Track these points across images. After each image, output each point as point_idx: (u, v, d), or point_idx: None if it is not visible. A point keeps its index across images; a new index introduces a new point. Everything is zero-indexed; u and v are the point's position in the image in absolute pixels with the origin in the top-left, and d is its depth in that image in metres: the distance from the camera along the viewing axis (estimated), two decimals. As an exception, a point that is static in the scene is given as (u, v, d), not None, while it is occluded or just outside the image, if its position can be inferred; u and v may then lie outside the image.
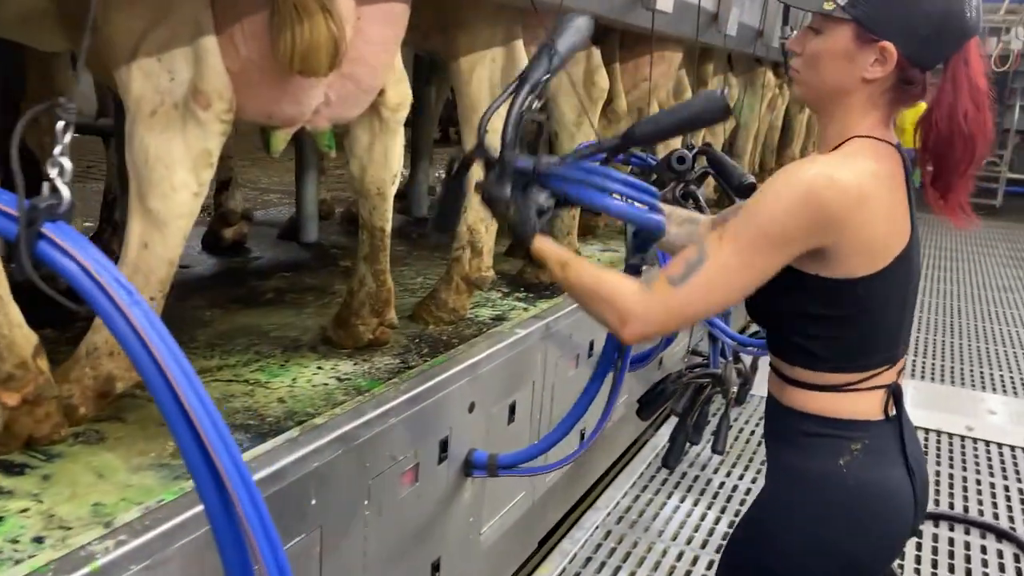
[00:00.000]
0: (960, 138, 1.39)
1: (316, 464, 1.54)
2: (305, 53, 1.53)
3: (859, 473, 1.45)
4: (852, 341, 1.42)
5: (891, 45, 1.35)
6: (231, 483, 0.99)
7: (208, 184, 1.72)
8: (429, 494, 1.93)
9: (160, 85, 1.63)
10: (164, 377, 0.96)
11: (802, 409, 1.48)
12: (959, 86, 1.38)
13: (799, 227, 1.31)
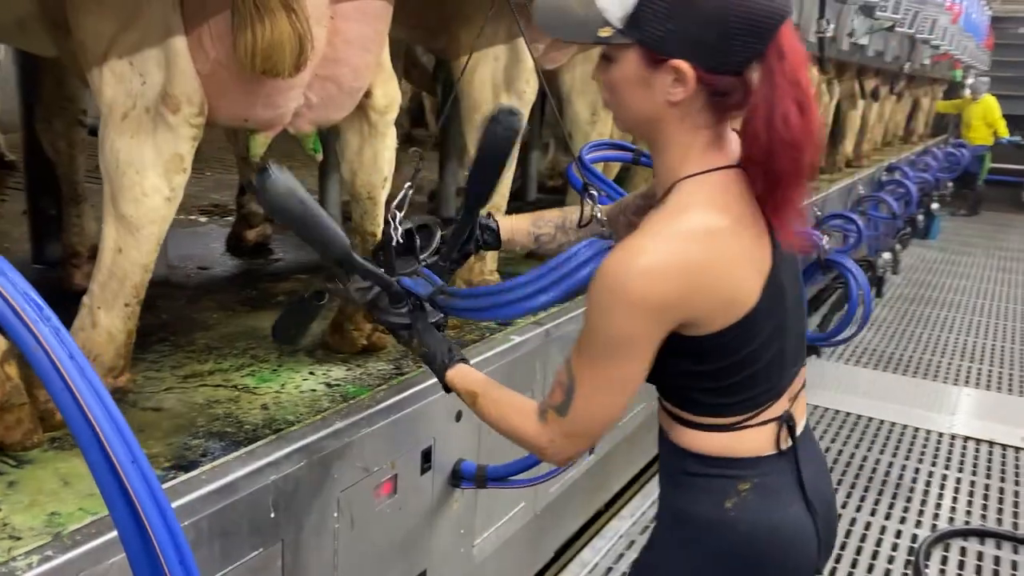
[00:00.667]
0: (783, 147, 1.19)
1: (273, 477, 1.50)
2: (267, 52, 1.49)
3: (749, 517, 1.34)
4: (733, 386, 1.31)
5: (683, 63, 1.21)
6: (142, 506, 0.95)
7: (181, 189, 1.69)
8: (411, 506, 1.88)
9: (131, 89, 1.61)
10: (71, 391, 0.94)
11: (687, 448, 1.37)
12: (775, 86, 1.19)
13: (642, 327, 1.23)
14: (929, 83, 10.51)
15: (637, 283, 1.20)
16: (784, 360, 1.35)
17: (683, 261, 1.21)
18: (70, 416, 0.97)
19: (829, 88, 5.84)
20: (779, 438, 1.35)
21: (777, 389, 1.35)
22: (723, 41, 1.19)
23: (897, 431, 4.81)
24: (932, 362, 6.01)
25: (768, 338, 1.29)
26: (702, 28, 1.19)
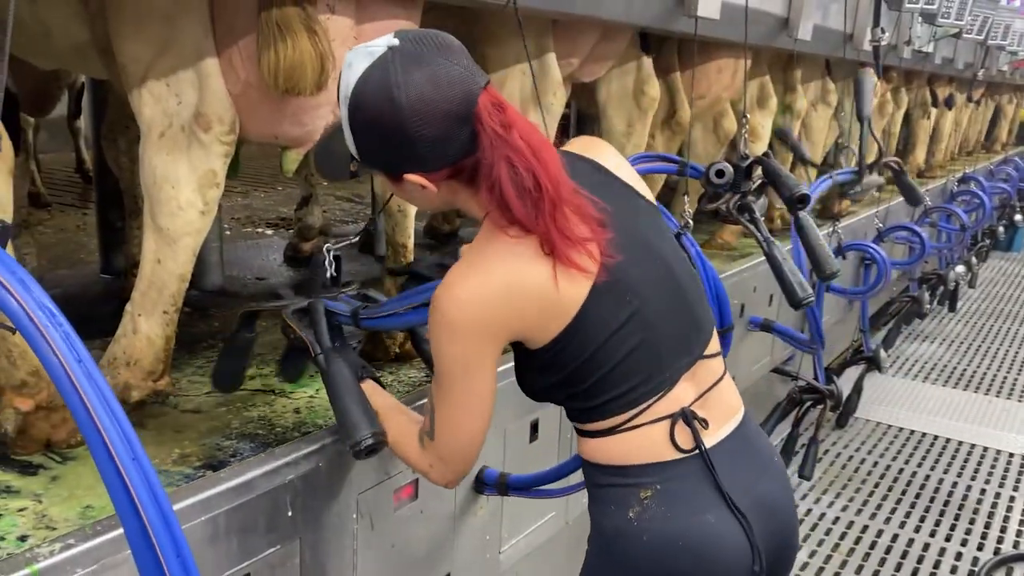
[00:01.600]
0: (508, 205, 1.28)
1: (291, 476, 1.57)
2: (289, 72, 1.57)
3: (654, 526, 1.33)
4: (597, 387, 1.35)
5: (412, 176, 1.33)
6: (141, 503, 1.02)
7: (215, 202, 1.78)
8: (433, 510, 1.92)
9: (168, 108, 1.71)
10: (78, 393, 1.01)
11: (591, 459, 1.41)
12: (485, 157, 1.29)
13: (475, 348, 1.32)
14: (1012, 90, 10.10)
15: (456, 311, 1.30)
16: (659, 352, 1.36)
17: (493, 284, 1.30)
18: (78, 415, 1.04)
19: (895, 97, 5.69)
20: (675, 438, 1.35)
21: (661, 381, 1.36)
22: (432, 148, 1.29)
23: (964, 450, 4.65)
24: (1006, 379, 5.78)
25: (619, 332, 1.33)
26: (404, 145, 1.29)
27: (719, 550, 1.34)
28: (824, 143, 4.91)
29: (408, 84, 1.25)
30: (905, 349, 6.25)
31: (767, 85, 3.97)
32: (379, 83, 1.26)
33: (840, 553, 3.59)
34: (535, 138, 1.32)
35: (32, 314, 1.02)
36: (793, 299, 2.42)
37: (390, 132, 1.28)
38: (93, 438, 1.04)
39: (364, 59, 1.28)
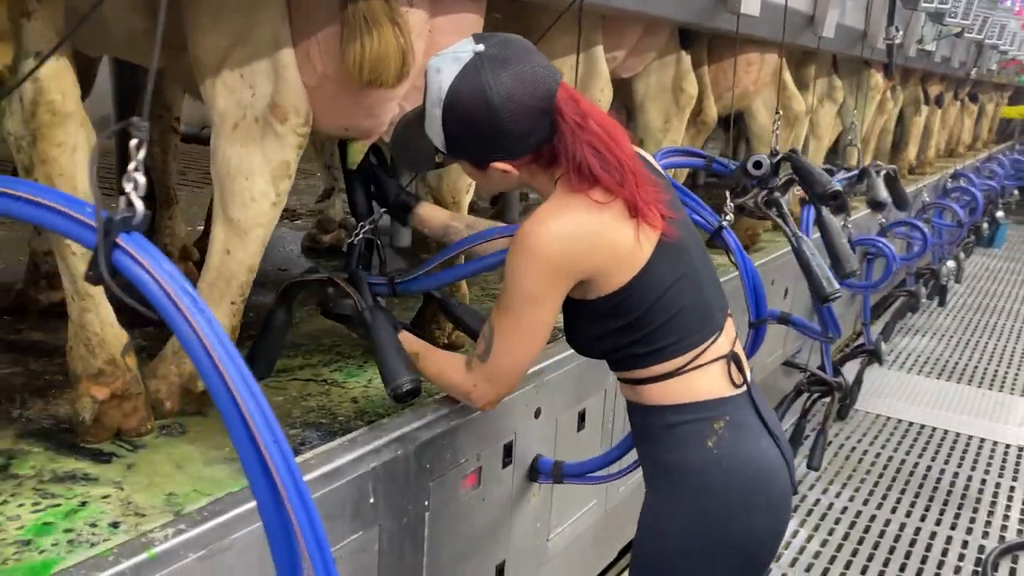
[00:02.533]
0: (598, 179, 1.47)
1: (374, 464, 1.59)
2: (374, 63, 1.59)
3: (729, 451, 1.52)
4: (657, 333, 1.52)
5: (496, 164, 1.51)
6: (281, 482, 1.04)
7: (286, 194, 1.80)
8: (493, 497, 1.96)
9: (242, 100, 1.72)
10: (222, 379, 1.03)
11: (658, 403, 1.56)
12: (567, 144, 1.47)
13: (550, 282, 1.49)
14: (994, 89, 10.29)
15: (543, 243, 1.46)
16: (709, 303, 1.58)
17: (577, 225, 1.47)
18: (219, 397, 1.06)
19: (893, 94, 5.79)
20: (731, 375, 1.56)
21: (711, 328, 1.57)
22: (517, 138, 1.47)
23: (962, 441, 4.75)
24: (997, 372, 5.91)
25: (677, 285, 1.52)
26: (497, 139, 1.47)
27: (773, 470, 1.57)
28: (829, 139, 4.99)
29: (499, 85, 1.43)
30: (898, 343, 6.36)
31: (789, 82, 4.02)
32: (473, 85, 1.44)
33: (851, 542, 3.67)
34: (607, 122, 1.53)
35: (177, 300, 1.04)
36: (821, 293, 2.48)
37: (483, 129, 1.46)
38: (235, 421, 1.05)
39: (453, 64, 1.45)
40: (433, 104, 1.48)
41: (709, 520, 1.53)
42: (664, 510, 1.58)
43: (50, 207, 1.05)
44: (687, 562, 1.56)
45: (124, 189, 1.02)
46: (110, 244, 1.03)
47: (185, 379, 1.87)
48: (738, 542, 1.55)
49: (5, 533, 1.39)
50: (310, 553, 1.07)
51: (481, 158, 1.52)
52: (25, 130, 1.44)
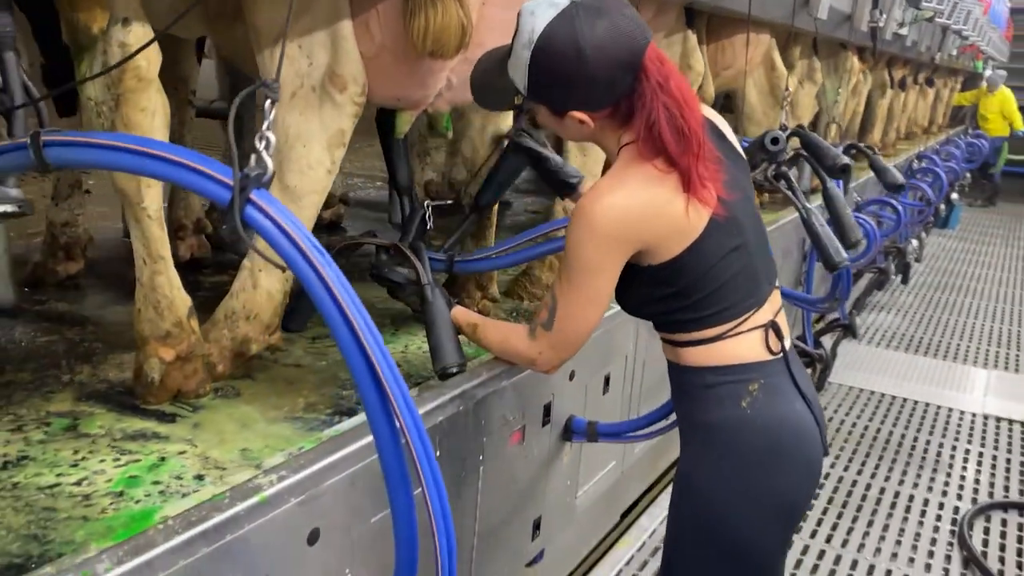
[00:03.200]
0: (664, 145, 1.51)
1: (441, 418, 1.67)
2: (437, 35, 1.65)
3: (763, 411, 1.60)
4: (704, 301, 1.60)
5: (576, 113, 1.55)
6: (402, 416, 1.12)
7: (339, 162, 1.85)
8: (534, 455, 2.05)
9: (300, 69, 1.77)
10: (349, 323, 1.09)
11: (696, 364, 1.64)
12: (646, 102, 1.51)
13: (609, 252, 1.55)
14: (949, 74, 10.61)
15: (601, 216, 1.53)
16: (757, 276, 1.65)
17: (633, 199, 1.53)
18: (345, 343, 1.12)
19: (864, 77, 5.97)
20: (769, 343, 1.63)
21: (756, 299, 1.64)
22: (601, 90, 1.52)
23: (932, 411, 4.97)
24: (960, 346, 6.17)
25: (727, 258, 1.59)
26: (582, 88, 1.51)
27: (806, 431, 1.64)
28: (807, 119, 5.14)
29: (592, 35, 1.47)
30: (865, 318, 6.59)
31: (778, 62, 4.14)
32: (566, 32, 1.47)
33: (835, 505, 3.84)
34: (687, 90, 1.57)
35: (307, 252, 1.10)
36: (829, 262, 2.60)
37: (570, 75, 1.50)
38: (359, 365, 1.12)
39: (549, 9, 1.49)
40: (523, 46, 1.51)
41: (742, 476, 1.61)
42: (699, 468, 1.66)
43: (187, 165, 1.11)
44: (725, 513, 1.63)
45: (256, 147, 1.08)
46: (244, 199, 1.08)
47: (237, 343, 1.91)
48: (768, 497, 1.62)
49: (95, 486, 1.44)
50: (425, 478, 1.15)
51: (561, 105, 1.56)
52: (108, 95, 1.48)
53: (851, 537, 3.57)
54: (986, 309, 7.17)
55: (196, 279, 2.66)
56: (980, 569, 3.34)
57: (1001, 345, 6.26)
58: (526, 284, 2.64)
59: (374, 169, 5.31)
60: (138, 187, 1.55)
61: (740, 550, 1.64)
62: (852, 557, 3.42)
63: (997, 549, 3.55)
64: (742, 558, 1.65)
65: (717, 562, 1.66)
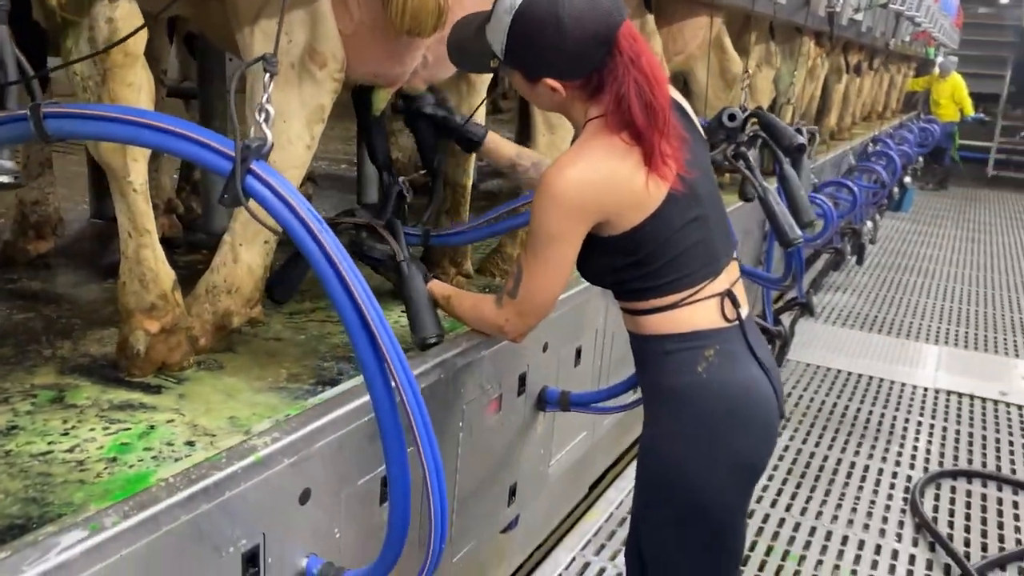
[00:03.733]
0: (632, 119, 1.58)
1: (423, 385, 1.72)
2: (415, 13, 1.70)
3: (719, 376, 1.68)
4: (661, 270, 1.68)
5: (550, 80, 1.62)
6: (398, 377, 1.17)
7: (318, 138, 1.89)
8: (510, 423, 2.12)
9: (280, 47, 1.80)
10: (347, 290, 1.14)
11: (655, 332, 1.72)
12: (617, 76, 1.58)
13: (571, 222, 1.62)
14: (902, 60, 10.85)
15: (564, 187, 1.59)
16: (714, 247, 1.72)
17: (595, 172, 1.60)
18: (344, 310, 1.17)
19: (821, 62, 6.10)
20: (724, 310, 1.70)
21: (712, 269, 1.71)
22: (575, 60, 1.59)
23: (886, 386, 5.15)
24: (912, 324, 6.37)
25: (685, 229, 1.66)
26: (558, 56, 1.58)
27: (762, 396, 1.72)
28: (764, 103, 5.25)
29: (572, 6, 1.54)
30: (821, 298, 6.77)
31: (729, 48, 4.24)
32: (548, 1, 1.54)
33: (794, 476, 3.98)
34: (657, 68, 1.64)
35: (307, 220, 1.15)
36: (784, 240, 2.69)
37: (547, 43, 1.57)
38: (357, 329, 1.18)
39: None
40: (504, 11, 1.57)
41: (701, 439, 1.68)
42: (662, 433, 1.74)
43: (188, 136, 1.14)
44: (686, 474, 1.70)
45: (256, 119, 1.12)
46: (245, 170, 1.13)
47: (219, 317, 1.95)
48: (727, 458, 1.69)
49: (88, 453, 1.48)
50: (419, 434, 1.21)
51: (535, 72, 1.62)
52: (94, 70, 1.50)
53: (810, 505, 3.71)
54: (938, 288, 7.40)
55: (169, 258, 2.66)
56: (931, 533, 3.50)
57: (952, 323, 6.48)
58: (498, 261, 2.70)
59: (338, 152, 5.33)
60: (124, 161, 1.57)
61: (702, 510, 1.72)
62: (811, 524, 3.56)
63: (947, 515, 3.72)
64: (705, 517, 1.72)
65: (681, 522, 1.75)
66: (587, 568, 3.09)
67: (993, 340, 6.17)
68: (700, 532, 1.75)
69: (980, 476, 4.08)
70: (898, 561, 3.34)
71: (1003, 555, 3.38)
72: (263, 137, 1.14)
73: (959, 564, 3.25)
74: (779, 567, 3.25)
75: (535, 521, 2.75)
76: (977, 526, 3.63)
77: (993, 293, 7.40)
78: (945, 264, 8.32)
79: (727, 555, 1.80)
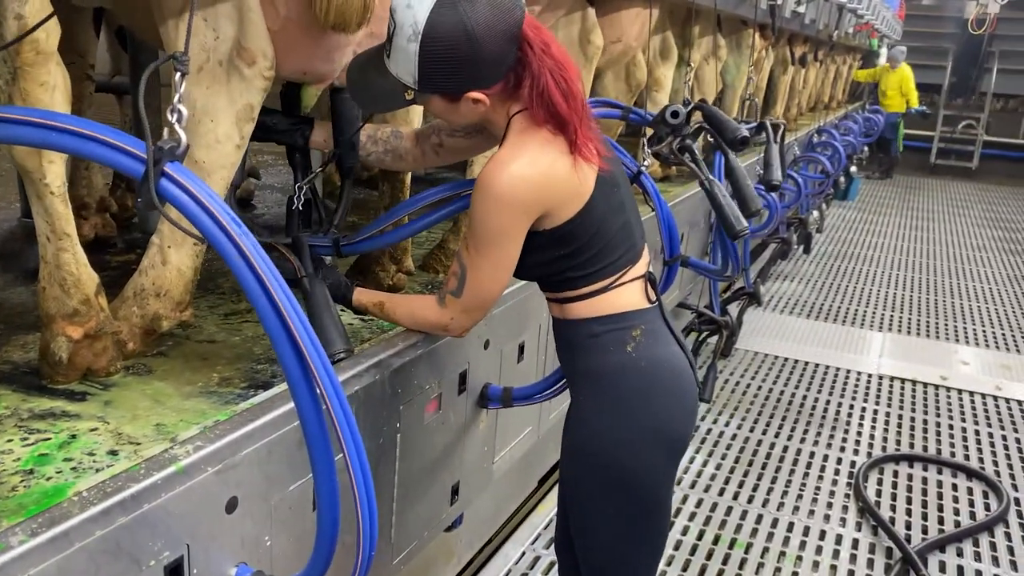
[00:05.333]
0: (555, 108, 1.59)
1: (357, 387, 1.70)
2: (340, 9, 1.66)
3: (646, 353, 1.73)
4: (593, 258, 1.70)
5: (472, 93, 1.60)
6: (323, 384, 1.14)
7: (248, 137, 1.84)
8: (450, 422, 2.10)
9: (206, 43, 1.75)
10: (268, 294, 1.11)
11: (584, 317, 1.74)
12: (533, 69, 1.59)
13: (515, 219, 1.62)
14: (847, 52, 11.03)
15: (506, 186, 1.58)
16: (632, 231, 1.76)
17: (536, 167, 1.60)
18: (266, 314, 1.14)
19: (767, 54, 6.16)
20: (648, 292, 1.77)
21: (633, 253, 1.76)
22: (491, 65, 1.57)
23: (831, 373, 5.24)
24: (857, 311, 6.49)
25: (609, 216, 1.69)
26: (473, 67, 1.56)
27: (683, 372, 1.79)
28: (711, 95, 5.29)
29: (476, 15, 1.52)
30: (769, 287, 6.86)
31: (669, 38, 4.26)
32: (451, 18, 1.51)
33: (741, 464, 4.03)
34: (565, 53, 1.65)
35: (224, 223, 1.11)
36: (731, 231, 2.71)
37: (463, 59, 1.55)
38: (278, 334, 1.15)
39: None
40: (407, 40, 1.54)
41: (629, 414, 1.73)
42: (589, 412, 1.76)
43: (98, 138, 1.10)
44: (619, 450, 1.74)
45: (169, 120, 1.08)
46: (159, 172, 1.09)
47: (147, 320, 1.90)
48: (653, 431, 1.74)
49: (3, 466, 1.42)
50: (347, 446, 1.19)
51: (456, 89, 1.60)
52: (4, 68, 1.44)
53: (756, 494, 3.76)
54: (882, 276, 7.56)
55: (102, 258, 2.60)
56: (873, 517, 3.57)
57: (895, 309, 6.62)
58: (441, 257, 2.68)
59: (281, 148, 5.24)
60: (40, 163, 1.52)
61: (630, 482, 1.76)
62: (757, 512, 3.61)
63: (889, 498, 3.80)
64: (632, 489, 1.76)
65: (610, 495, 1.78)
66: (537, 562, 3.10)
67: (935, 326, 6.32)
68: (628, 503, 1.79)
69: (921, 460, 4.18)
70: (842, 546, 3.40)
71: (942, 536, 3.46)
72: (177, 139, 1.11)
73: (900, 547, 3.33)
74: (726, 555, 3.30)
75: (483, 517, 2.74)
76: (918, 509, 3.72)
77: (935, 280, 7.58)
78: (889, 252, 8.49)
79: (655, 531, 1.85)
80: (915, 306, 6.77)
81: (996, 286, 7.51)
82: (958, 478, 4.02)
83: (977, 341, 6.05)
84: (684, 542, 3.36)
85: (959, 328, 6.31)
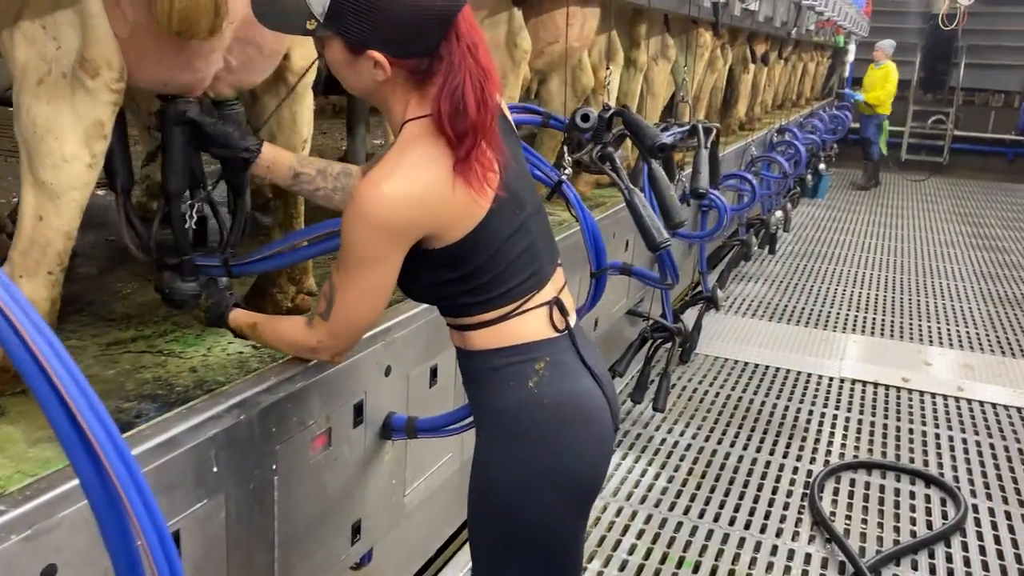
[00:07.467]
0: (466, 111, 1.43)
1: (215, 431, 1.55)
2: (184, 13, 1.51)
3: (550, 388, 1.57)
4: (489, 284, 1.55)
5: (377, 53, 1.42)
6: (105, 456, 0.99)
7: (103, 155, 1.69)
8: (345, 457, 1.95)
9: (46, 53, 1.59)
10: (32, 354, 0.95)
11: (482, 348, 1.60)
12: (454, 64, 1.43)
13: (388, 244, 1.47)
14: (815, 49, 10.96)
15: (378, 209, 1.43)
16: (539, 255, 1.61)
17: (413, 187, 1.44)
18: (28, 373, 0.99)
19: (723, 53, 6.06)
20: (553, 320, 1.60)
21: (538, 278, 1.61)
22: (410, 34, 1.41)
23: (792, 377, 5.12)
24: (822, 313, 6.39)
25: (511, 239, 1.54)
26: (390, 25, 1.40)
27: (595, 408, 1.62)
28: (664, 96, 5.17)
29: None
30: (733, 289, 6.75)
31: (615, 39, 4.13)
32: None
33: (695, 476, 3.89)
34: (491, 62, 1.50)
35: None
36: (652, 243, 2.57)
37: (381, 7, 1.39)
38: (48, 400, 0.99)
39: None
40: None
41: (531, 456, 1.57)
42: (490, 454, 1.60)
43: None
44: (520, 498, 1.58)
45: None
46: None
47: (3, 357, 1.74)
48: (559, 475, 1.58)
49: None
50: (141, 524, 1.03)
51: (360, 39, 1.42)
52: None
53: (708, 507, 3.63)
54: (849, 275, 7.46)
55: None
56: (826, 530, 3.44)
57: (861, 309, 6.52)
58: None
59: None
60: None
61: (535, 533, 1.59)
62: (708, 527, 3.47)
63: (845, 508, 3.68)
64: (538, 541, 1.60)
65: (513, 547, 1.61)
66: (472, 591, 2.95)
67: (900, 326, 6.22)
68: (536, 558, 1.62)
69: (879, 467, 4.06)
70: (794, 562, 3.27)
71: (897, 548, 3.34)
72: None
73: (852, 563, 3.20)
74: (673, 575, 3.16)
75: (408, 551, 2.59)
76: (874, 519, 3.60)
77: (903, 278, 7.49)
78: (858, 250, 8.41)
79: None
80: (881, 306, 6.67)
81: (963, 283, 7.44)
82: (916, 485, 3.91)
83: (942, 340, 5.96)
84: (630, 562, 3.21)
85: (924, 327, 6.22)
